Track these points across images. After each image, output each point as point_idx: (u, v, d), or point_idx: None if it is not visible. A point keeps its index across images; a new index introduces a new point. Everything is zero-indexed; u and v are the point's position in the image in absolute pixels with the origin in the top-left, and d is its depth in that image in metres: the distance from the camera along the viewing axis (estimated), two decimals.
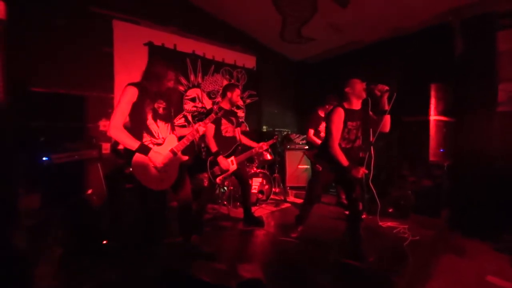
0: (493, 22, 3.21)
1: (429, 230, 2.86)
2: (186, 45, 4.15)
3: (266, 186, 3.81)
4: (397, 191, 3.40)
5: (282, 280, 1.92)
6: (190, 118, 4.23)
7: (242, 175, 2.92)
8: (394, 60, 4.17)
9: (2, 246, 1.35)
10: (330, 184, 3.49)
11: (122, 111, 1.79)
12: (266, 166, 4.10)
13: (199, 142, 3.48)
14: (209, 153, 2.70)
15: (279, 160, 4.45)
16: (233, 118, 2.90)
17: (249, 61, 5.05)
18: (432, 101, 3.28)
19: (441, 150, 3.30)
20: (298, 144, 4.73)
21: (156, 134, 1.92)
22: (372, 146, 2.23)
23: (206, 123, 2.14)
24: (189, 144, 2.04)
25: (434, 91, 3.29)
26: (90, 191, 2.51)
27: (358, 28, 4.16)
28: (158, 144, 1.93)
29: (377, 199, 2.40)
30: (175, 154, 1.97)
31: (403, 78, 3.77)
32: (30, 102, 2.78)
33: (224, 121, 2.78)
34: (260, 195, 3.75)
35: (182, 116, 4.15)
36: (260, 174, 3.74)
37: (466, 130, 3.39)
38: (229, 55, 4.73)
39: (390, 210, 3.31)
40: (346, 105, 2.28)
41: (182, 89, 4.11)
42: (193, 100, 4.30)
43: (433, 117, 3.29)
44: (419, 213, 3.24)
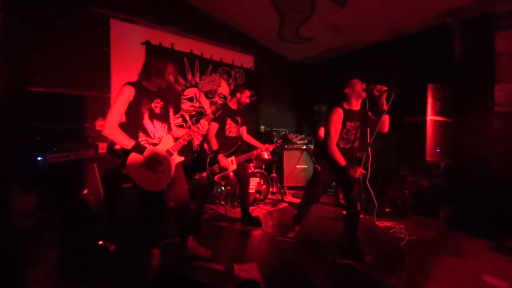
0: (491, 23, 3.22)
1: (426, 230, 2.87)
2: (183, 44, 4.13)
3: (264, 186, 3.80)
4: (394, 191, 3.41)
5: (279, 280, 1.91)
6: (187, 117, 4.21)
7: (241, 175, 2.92)
8: (392, 60, 4.18)
9: None
10: (330, 184, 3.48)
11: (118, 110, 1.78)
12: (264, 166, 4.10)
13: (202, 140, 3.42)
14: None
15: (277, 160, 4.44)
16: (238, 118, 2.89)
17: (247, 60, 5.03)
18: (429, 101, 3.29)
19: (437, 150, 3.31)
20: (296, 144, 4.73)
21: (152, 134, 1.91)
22: (370, 146, 2.23)
23: (207, 120, 2.07)
24: (186, 144, 2.03)
25: (431, 91, 3.30)
26: (86, 191, 2.49)
27: (357, 28, 4.16)
28: (154, 144, 1.92)
29: (374, 199, 2.41)
30: (171, 154, 1.96)
31: (402, 79, 3.78)
32: (26, 101, 2.76)
33: (229, 120, 2.78)
34: (257, 195, 3.74)
35: (179, 115, 4.13)
36: (257, 174, 3.73)
37: (463, 130, 3.41)
38: (227, 55, 4.71)
39: (387, 210, 3.32)
40: (346, 105, 2.28)
41: (179, 88, 4.09)
42: (190, 99, 4.28)
43: (430, 117, 3.29)
44: (416, 213, 3.26)
